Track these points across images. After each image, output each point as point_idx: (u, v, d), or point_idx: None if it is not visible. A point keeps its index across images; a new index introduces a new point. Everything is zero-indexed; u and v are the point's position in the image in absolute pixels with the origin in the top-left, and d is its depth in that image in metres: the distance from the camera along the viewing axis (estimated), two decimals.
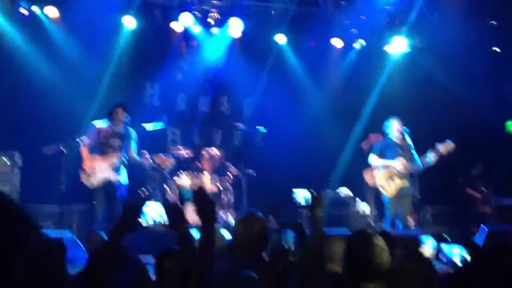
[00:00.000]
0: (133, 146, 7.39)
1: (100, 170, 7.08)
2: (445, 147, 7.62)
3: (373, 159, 8.04)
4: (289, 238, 2.56)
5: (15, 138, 8.19)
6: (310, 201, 2.79)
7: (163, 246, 3.34)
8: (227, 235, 5.38)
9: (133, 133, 7.42)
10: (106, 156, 7.14)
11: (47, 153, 6.98)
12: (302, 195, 2.73)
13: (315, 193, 2.81)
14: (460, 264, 4.01)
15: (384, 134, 8.12)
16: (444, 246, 4.02)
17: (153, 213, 7.42)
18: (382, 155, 7.98)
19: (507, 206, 9.24)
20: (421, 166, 7.72)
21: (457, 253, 4.43)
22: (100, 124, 7.27)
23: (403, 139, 7.91)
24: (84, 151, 7.15)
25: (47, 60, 9.03)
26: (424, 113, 10.25)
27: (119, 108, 7.19)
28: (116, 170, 7.15)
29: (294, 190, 2.63)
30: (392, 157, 7.89)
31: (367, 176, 9.72)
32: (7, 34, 8.77)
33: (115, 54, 9.48)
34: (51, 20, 9.09)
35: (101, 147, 7.17)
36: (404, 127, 7.90)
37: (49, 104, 8.84)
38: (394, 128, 7.95)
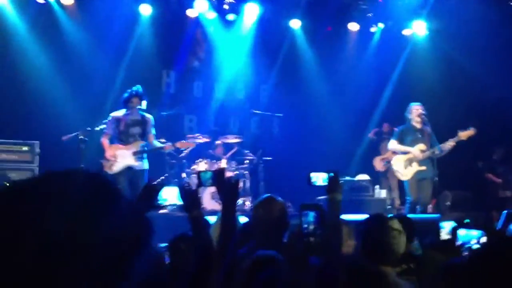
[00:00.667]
0: (152, 131, 7.43)
1: (122, 157, 7.16)
2: (466, 133, 7.61)
3: (392, 144, 8.07)
4: (310, 220, 2.52)
5: (35, 128, 8.26)
6: (328, 183, 2.75)
7: (177, 232, 3.37)
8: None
9: (151, 119, 7.45)
10: (127, 144, 7.22)
11: (66, 140, 7.05)
12: (320, 177, 2.68)
13: (333, 175, 2.77)
14: (477, 248, 3.96)
15: (404, 119, 8.06)
16: (461, 231, 3.99)
17: (171, 196, 7.45)
18: (402, 139, 7.97)
19: None
20: (441, 151, 7.69)
21: (475, 238, 4.37)
22: (118, 114, 7.33)
23: (424, 124, 7.86)
24: (105, 142, 7.24)
25: (63, 50, 9.06)
26: (444, 97, 10.10)
27: (134, 98, 7.22)
28: (138, 157, 7.19)
29: (312, 173, 2.63)
30: (412, 142, 7.88)
31: (375, 163, 9.71)
32: (22, 24, 8.80)
33: (131, 42, 9.48)
34: (66, 8, 9.09)
35: (121, 137, 7.27)
36: (424, 112, 7.85)
37: (67, 94, 8.90)
38: (414, 113, 7.89)
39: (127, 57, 9.44)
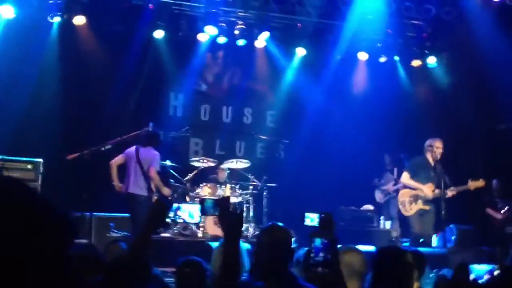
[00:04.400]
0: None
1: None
2: (476, 184, 7.57)
3: (405, 178, 7.98)
4: (318, 247, 2.46)
5: (39, 146, 8.25)
6: (319, 224, 2.72)
7: (179, 255, 3.60)
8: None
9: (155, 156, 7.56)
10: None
11: (71, 159, 7.03)
12: (313, 217, 2.64)
13: (323, 216, 2.73)
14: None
15: (422, 152, 7.98)
16: (475, 266, 3.96)
17: (184, 214, 7.73)
18: (415, 173, 7.88)
19: None
20: (447, 194, 7.62)
21: (487, 273, 4.27)
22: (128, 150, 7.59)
23: (438, 162, 7.77)
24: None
25: (74, 69, 9.13)
26: (451, 128, 10.06)
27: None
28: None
29: (306, 214, 2.61)
30: (425, 179, 7.78)
31: (376, 194, 9.65)
32: (33, 42, 8.86)
33: (143, 64, 9.54)
34: (78, 28, 9.16)
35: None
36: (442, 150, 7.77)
37: (75, 113, 8.95)
38: (436, 149, 7.79)
39: (139, 79, 9.50)
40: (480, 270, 3.99)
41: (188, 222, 7.87)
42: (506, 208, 9.28)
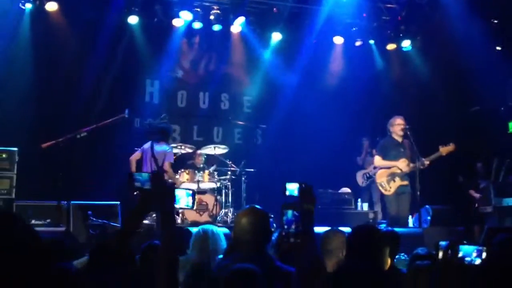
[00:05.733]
0: None
1: None
2: (447, 149, 7.69)
3: (378, 161, 8.11)
4: (289, 219, 2.50)
5: (14, 135, 8.12)
6: (299, 194, 2.72)
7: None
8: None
9: None
10: None
11: (46, 147, 6.94)
12: (293, 188, 2.65)
13: (304, 186, 2.73)
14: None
15: (387, 132, 8.12)
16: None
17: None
18: (385, 154, 8.00)
19: (507, 207, 9.17)
20: (423, 165, 7.75)
21: (474, 252, 4.34)
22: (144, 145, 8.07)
23: (406, 137, 7.92)
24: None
25: (48, 56, 8.99)
26: (425, 111, 10.22)
27: None
28: None
29: (287, 184, 2.61)
30: (395, 157, 7.93)
31: (358, 177, 9.77)
32: (5, 29, 8.69)
33: (117, 51, 9.43)
34: (50, 15, 8.99)
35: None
36: (406, 126, 7.91)
37: (50, 101, 8.84)
38: (397, 126, 7.95)
39: (113, 65, 9.39)
40: (468, 249, 4.06)
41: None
42: (481, 188, 9.49)
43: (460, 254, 2.49)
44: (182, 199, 3.23)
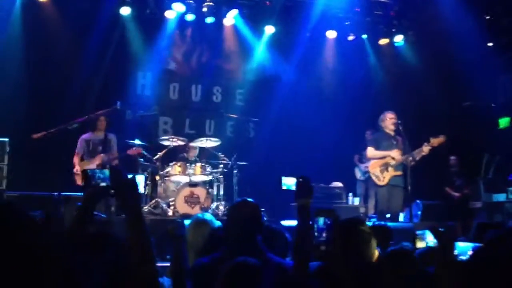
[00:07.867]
0: (114, 148, 7.95)
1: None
2: (437, 140, 7.72)
3: (370, 152, 8.12)
4: (320, 226, 2.50)
5: (5, 125, 8.08)
6: (296, 188, 2.73)
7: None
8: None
9: (113, 138, 7.92)
10: (92, 159, 7.75)
11: (37, 138, 6.91)
12: (290, 182, 2.67)
13: (301, 180, 2.74)
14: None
15: (378, 127, 8.15)
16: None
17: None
18: (378, 146, 8.05)
19: (496, 203, 9.25)
20: (414, 158, 7.78)
21: (470, 249, 4.39)
22: (86, 136, 7.85)
23: (397, 131, 7.95)
24: (76, 160, 7.72)
25: (38, 48, 8.93)
26: (417, 105, 10.27)
27: (101, 118, 7.70)
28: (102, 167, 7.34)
29: (283, 177, 2.60)
30: (387, 148, 7.98)
31: (356, 172, 9.81)
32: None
33: (109, 42, 9.38)
34: (41, 6, 8.92)
35: (89, 154, 7.84)
36: (398, 121, 7.95)
37: (42, 92, 8.80)
38: (388, 121, 7.99)
39: (105, 57, 9.34)
40: (464, 247, 4.10)
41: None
42: (466, 184, 9.56)
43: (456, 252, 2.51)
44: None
